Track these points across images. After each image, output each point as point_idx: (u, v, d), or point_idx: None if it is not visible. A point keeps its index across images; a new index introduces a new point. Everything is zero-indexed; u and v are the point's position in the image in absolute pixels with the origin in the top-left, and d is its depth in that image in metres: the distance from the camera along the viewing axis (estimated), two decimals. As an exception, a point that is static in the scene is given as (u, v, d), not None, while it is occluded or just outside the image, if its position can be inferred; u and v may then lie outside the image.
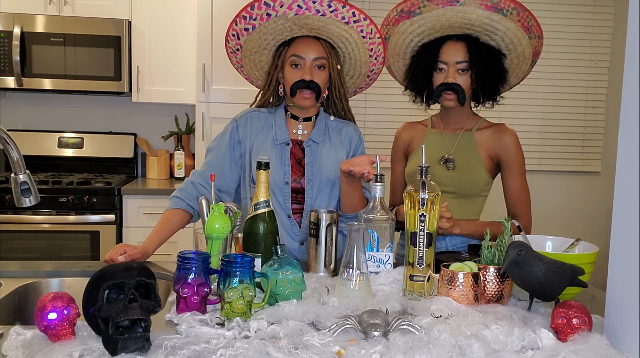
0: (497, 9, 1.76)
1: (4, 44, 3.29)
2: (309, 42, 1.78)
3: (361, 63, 1.87)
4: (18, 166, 1.25)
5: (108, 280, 1.03)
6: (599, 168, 4.16)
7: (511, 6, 1.77)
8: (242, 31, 1.78)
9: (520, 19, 1.79)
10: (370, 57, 1.85)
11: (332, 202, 1.83)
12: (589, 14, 4.04)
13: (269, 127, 1.84)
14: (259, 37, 1.79)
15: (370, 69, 1.90)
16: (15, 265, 1.64)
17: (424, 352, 1.01)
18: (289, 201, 1.80)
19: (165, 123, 3.84)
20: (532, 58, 1.89)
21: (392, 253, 1.54)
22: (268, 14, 1.71)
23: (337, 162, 1.82)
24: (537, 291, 1.24)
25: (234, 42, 1.83)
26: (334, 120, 1.90)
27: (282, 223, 1.77)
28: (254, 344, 1.03)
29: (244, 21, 1.75)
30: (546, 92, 4.01)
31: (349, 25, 1.74)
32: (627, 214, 1.08)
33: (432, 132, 1.99)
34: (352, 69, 1.91)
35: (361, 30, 1.76)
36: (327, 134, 1.87)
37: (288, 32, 1.77)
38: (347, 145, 1.89)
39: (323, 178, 1.82)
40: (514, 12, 1.77)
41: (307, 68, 1.76)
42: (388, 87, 3.81)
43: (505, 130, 1.92)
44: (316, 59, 1.76)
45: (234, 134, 1.85)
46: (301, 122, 1.86)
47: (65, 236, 3.17)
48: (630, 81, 1.09)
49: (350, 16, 1.72)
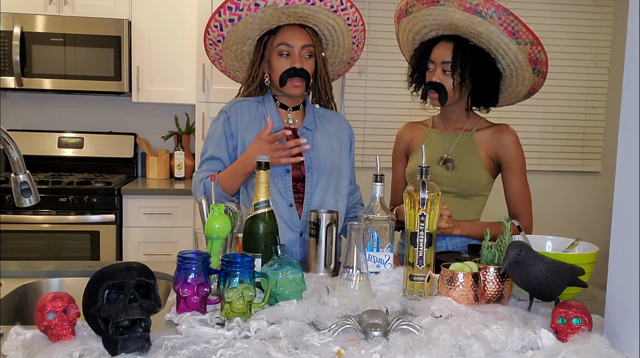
0: (475, 11, 1.74)
1: (4, 44, 3.29)
2: (296, 30, 1.78)
3: (344, 50, 1.89)
4: (18, 166, 1.25)
5: (108, 280, 1.03)
6: (599, 168, 4.16)
7: (491, 9, 1.73)
8: (227, 22, 1.76)
9: (502, 23, 1.75)
10: (353, 44, 1.88)
11: (330, 188, 1.83)
12: (589, 14, 4.04)
13: (260, 117, 1.83)
14: (245, 27, 1.77)
15: (351, 56, 1.92)
16: (15, 265, 1.64)
17: (424, 352, 1.01)
18: (290, 189, 1.79)
19: (165, 123, 3.84)
20: (532, 66, 1.83)
21: (392, 253, 1.54)
22: (257, 4, 1.70)
23: (332, 148, 1.85)
24: (537, 291, 1.24)
25: (216, 33, 1.80)
26: (321, 109, 1.91)
27: (281, 215, 1.75)
28: (254, 344, 1.02)
29: (229, 12, 1.73)
30: (546, 92, 3.99)
31: (337, 14, 1.76)
32: (627, 214, 1.08)
33: (432, 132, 1.99)
34: (334, 56, 1.92)
35: (347, 18, 1.78)
36: (319, 122, 1.88)
37: (275, 21, 1.77)
38: (341, 136, 1.91)
39: (321, 164, 1.82)
40: (494, 16, 1.74)
41: (296, 56, 1.76)
42: (388, 88, 3.85)
43: (505, 130, 1.92)
44: (304, 46, 1.77)
45: (226, 128, 1.82)
46: (290, 112, 1.86)
47: (65, 236, 3.17)
48: (630, 81, 1.09)
49: (338, 4, 1.74)
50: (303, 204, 1.80)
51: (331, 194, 1.83)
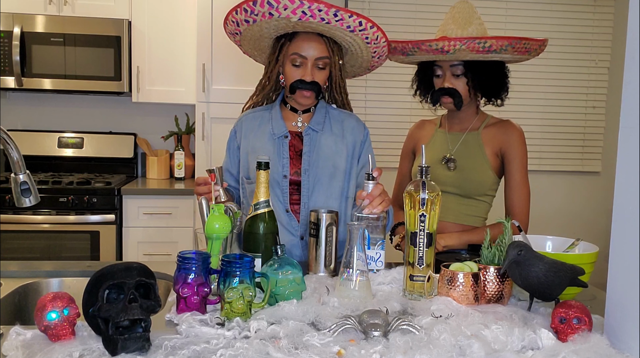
0: (489, 51, 1.74)
1: (4, 44, 3.29)
2: (312, 40, 1.73)
3: (362, 60, 1.86)
4: (18, 166, 1.25)
5: (108, 280, 1.03)
6: (599, 168, 4.16)
7: (505, 44, 1.72)
8: (242, 21, 1.73)
9: (516, 50, 1.75)
10: (373, 57, 1.84)
11: (330, 193, 1.79)
12: (589, 14, 4.03)
13: (265, 123, 1.83)
14: (260, 29, 1.74)
15: (372, 65, 1.90)
16: (15, 265, 1.64)
17: (424, 352, 1.01)
18: (287, 194, 1.79)
19: (165, 123, 3.84)
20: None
21: (383, 251, 1.55)
22: (271, 14, 1.65)
23: (336, 152, 1.81)
24: (537, 291, 1.24)
25: (233, 27, 1.78)
26: (336, 109, 1.88)
27: (280, 219, 1.75)
28: (254, 344, 1.02)
29: (244, 13, 1.69)
30: (546, 93, 4.01)
31: (354, 33, 1.70)
32: (627, 215, 1.08)
33: (439, 131, 2.00)
34: (353, 60, 1.88)
35: (366, 37, 1.72)
36: (328, 123, 1.84)
37: (290, 28, 1.73)
38: (350, 137, 1.84)
39: (320, 168, 1.79)
40: (509, 48, 1.73)
41: (308, 69, 1.73)
42: (388, 88, 3.85)
43: (510, 126, 1.92)
44: (318, 59, 1.73)
45: (233, 142, 1.89)
46: (300, 115, 1.85)
47: (65, 236, 3.17)
48: (630, 81, 1.09)
49: (356, 25, 1.67)
50: (301, 207, 1.80)
51: (335, 198, 1.79)
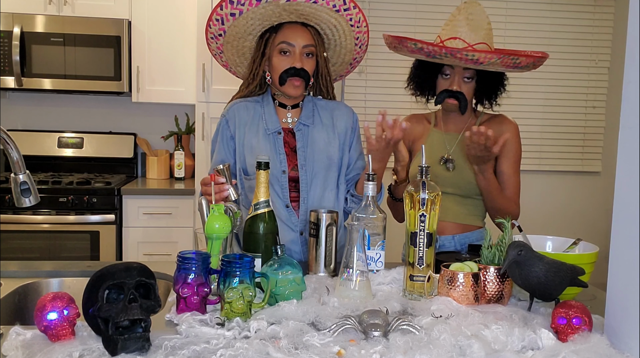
0: (518, 68, 1.80)
1: (4, 44, 3.29)
2: (298, 29, 1.77)
3: (346, 51, 1.88)
4: (18, 166, 1.25)
5: (108, 280, 1.03)
6: (599, 168, 4.16)
7: (530, 62, 1.79)
8: (228, 16, 1.75)
9: (536, 66, 1.84)
10: (356, 45, 1.87)
11: (328, 183, 1.81)
12: (589, 14, 4.03)
13: (258, 118, 1.83)
14: (246, 22, 1.76)
15: (354, 57, 1.91)
16: (15, 265, 1.64)
17: (424, 352, 1.01)
18: (287, 190, 1.79)
19: (165, 123, 3.84)
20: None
21: (383, 251, 1.55)
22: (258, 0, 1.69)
23: (329, 143, 1.82)
24: (537, 291, 1.24)
25: (217, 27, 1.79)
26: (323, 100, 1.89)
27: (280, 216, 1.75)
28: (254, 344, 1.02)
29: (230, 6, 1.72)
30: (546, 92, 4.01)
31: (339, 13, 1.75)
32: (627, 215, 1.08)
33: (435, 132, 1.99)
34: (336, 57, 1.91)
35: (350, 18, 1.78)
36: (317, 115, 1.86)
37: (276, 17, 1.76)
38: (341, 125, 1.86)
39: (316, 161, 1.80)
40: (531, 66, 1.82)
41: (296, 55, 1.75)
42: (388, 88, 3.85)
43: (505, 120, 1.93)
44: (305, 46, 1.76)
45: (225, 131, 1.84)
46: (289, 111, 1.85)
47: (65, 236, 3.17)
48: (630, 81, 1.09)
49: (341, 4, 1.73)
50: (300, 203, 1.80)
51: (330, 189, 1.82)
